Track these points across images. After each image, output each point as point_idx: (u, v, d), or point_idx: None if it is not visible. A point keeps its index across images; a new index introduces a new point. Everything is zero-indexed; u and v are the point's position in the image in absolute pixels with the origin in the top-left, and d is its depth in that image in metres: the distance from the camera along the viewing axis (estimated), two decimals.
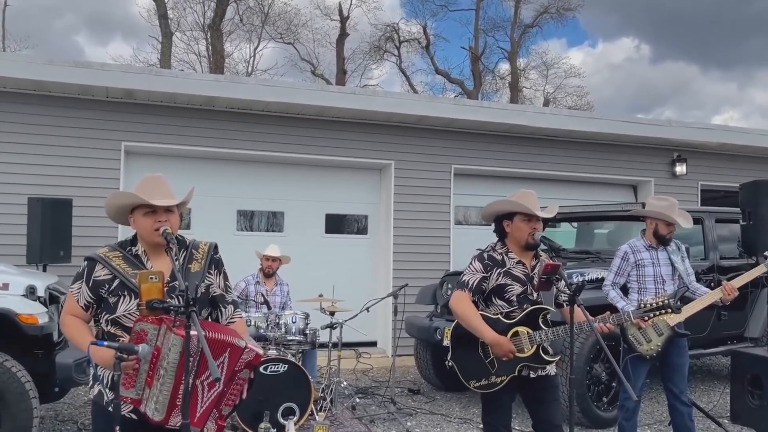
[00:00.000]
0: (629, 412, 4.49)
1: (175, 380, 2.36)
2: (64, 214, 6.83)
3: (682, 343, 4.47)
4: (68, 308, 2.63)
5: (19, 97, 7.44)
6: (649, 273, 4.50)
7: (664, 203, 4.46)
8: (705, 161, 10.60)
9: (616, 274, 4.62)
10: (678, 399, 4.45)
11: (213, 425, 2.51)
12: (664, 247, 4.55)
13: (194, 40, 24.62)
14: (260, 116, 8.39)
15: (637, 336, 4.37)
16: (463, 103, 10.87)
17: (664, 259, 4.54)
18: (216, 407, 2.49)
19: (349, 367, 7.76)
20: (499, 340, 3.26)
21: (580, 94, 28.61)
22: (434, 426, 5.68)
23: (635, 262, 4.54)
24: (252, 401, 5.10)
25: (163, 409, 2.37)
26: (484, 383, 3.35)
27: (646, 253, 4.54)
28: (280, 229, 8.94)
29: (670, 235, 4.50)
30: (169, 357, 2.35)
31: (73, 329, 2.59)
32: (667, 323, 4.33)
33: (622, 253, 4.61)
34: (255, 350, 2.49)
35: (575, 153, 9.90)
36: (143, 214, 2.61)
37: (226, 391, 2.49)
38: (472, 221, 9.78)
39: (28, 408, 4.07)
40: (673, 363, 4.45)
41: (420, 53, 28.42)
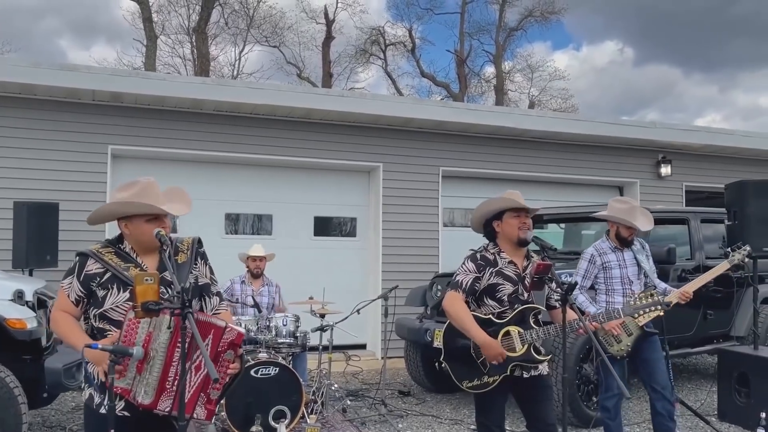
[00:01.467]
0: (611, 411, 4.51)
1: (165, 361, 2.38)
2: (50, 218, 6.76)
3: (653, 339, 4.50)
4: (59, 304, 2.63)
5: (4, 100, 7.36)
6: (616, 275, 4.54)
7: (624, 206, 4.49)
8: (689, 162, 10.72)
9: (584, 277, 4.61)
10: (661, 396, 4.44)
11: (203, 410, 2.49)
12: (629, 248, 4.59)
13: (179, 44, 24.56)
14: (248, 119, 8.36)
15: (608, 338, 4.40)
16: (451, 105, 10.92)
17: (630, 259, 4.57)
18: (203, 391, 2.48)
19: (338, 370, 7.74)
20: (490, 342, 3.28)
21: (565, 97, 28.85)
22: (425, 427, 5.69)
23: (602, 265, 4.57)
24: (243, 404, 5.09)
25: (152, 391, 2.39)
26: (476, 383, 3.37)
27: (612, 254, 4.57)
28: (269, 231, 8.91)
29: (631, 237, 4.54)
30: (160, 338, 2.38)
31: (65, 326, 2.59)
32: (636, 323, 4.34)
33: (589, 255, 4.63)
34: (236, 329, 2.50)
35: (562, 155, 9.97)
36: (146, 220, 2.62)
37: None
38: (461, 223, 9.82)
39: (17, 414, 4.03)
40: (647, 359, 4.48)
41: (406, 56, 28.52)
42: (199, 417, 2.51)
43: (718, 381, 6.07)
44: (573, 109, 28.53)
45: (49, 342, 4.71)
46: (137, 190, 2.65)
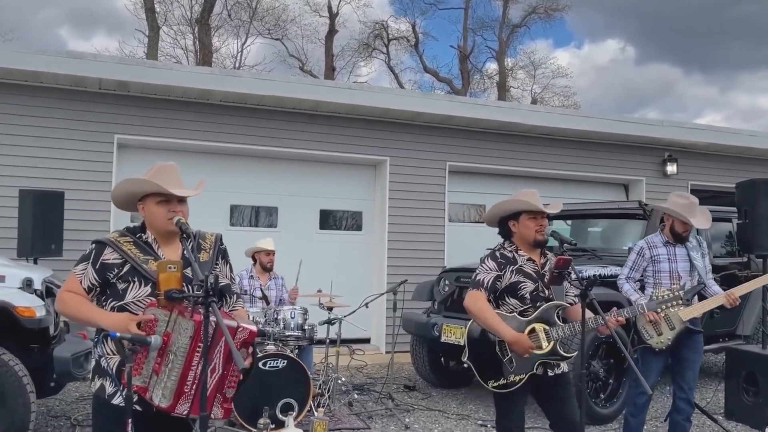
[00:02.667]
0: (638, 407, 4.49)
1: (184, 366, 2.33)
2: (55, 206, 6.71)
3: (697, 338, 4.47)
4: (68, 286, 2.53)
5: (9, 87, 7.30)
6: (664, 269, 4.50)
7: (684, 201, 4.46)
8: (695, 161, 10.70)
9: (631, 268, 4.63)
10: (683, 396, 4.44)
11: (219, 409, 2.47)
12: (682, 244, 4.55)
13: (181, 35, 24.43)
14: (255, 110, 8.32)
15: (648, 328, 4.38)
16: (459, 100, 10.87)
17: (681, 255, 4.53)
18: (219, 391, 2.46)
19: (343, 364, 7.71)
20: (518, 337, 3.24)
21: (567, 95, 28.80)
22: (432, 422, 5.67)
23: (651, 258, 4.55)
24: (251, 396, 5.06)
25: (170, 395, 2.34)
26: (502, 383, 3.32)
27: (663, 248, 4.54)
28: (274, 224, 8.87)
29: (686, 233, 4.49)
30: (179, 342, 2.33)
31: (76, 303, 2.50)
32: (680, 318, 4.33)
33: (638, 248, 4.63)
34: (248, 328, 2.47)
35: (568, 152, 9.95)
36: (156, 202, 2.57)
37: (227, 374, 2.47)
38: (466, 218, 9.79)
39: (26, 403, 4.00)
40: (684, 358, 4.45)
41: (409, 51, 28.42)
42: (217, 417, 2.49)
43: (726, 380, 6.05)
44: (575, 106, 28.49)
45: (57, 331, 4.67)
46: (153, 171, 2.62)
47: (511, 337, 3.24)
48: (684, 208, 4.42)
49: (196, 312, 2.32)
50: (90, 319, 2.49)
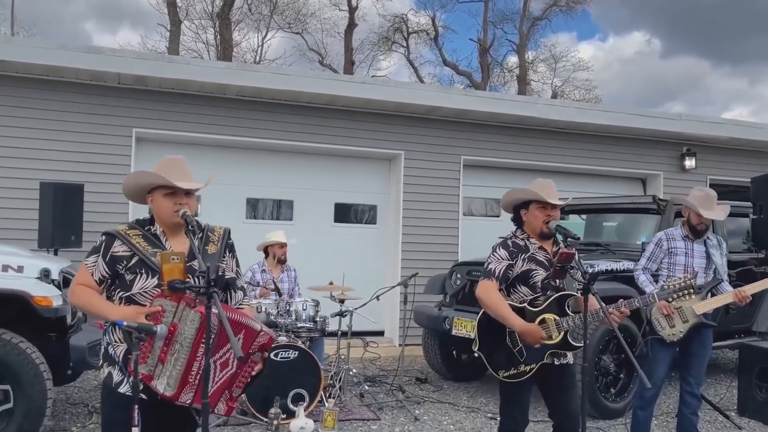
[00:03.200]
0: (645, 400, 4.50)
1: (189, 356, 2.39)
2: (75, 199, 6.84)
3: (706, 334, 4.46)
4: (80, 279, 2.61)
5: (31, 82, 7.46)
6: (680, 262, 4.49)
7: (699, 194, 4.45)
8: (714, 156, 10.58)
9: (648, 259, 4.63)
10: (691, 391, 4.45)
11: (224, 406, 2.54)
12: (702, 240, 4.52)
13: (203, 29, 24.62)
14: (271, 104, 8.39)
15: (661, 320, 4.38)
16: (475, 94, 10.86)
17: (699, 251, 4.51)
18: (228, 388, 2.52)
19: (356, 356, 7.79)
20: (529, 327, 3.26)
21: (588, 88, 28.52)
22: (442, 414, 5.71)
23: (668, 249, 4.54)
24: (262, 387, 5.14)
25: (175, 384, 2.40)
26: (513, 372, 3.34)
27: (681, 242, 4.53)
28: (289, 217, 8.96)
29: (700, 225, 4.46)
30: (185, 333, 2.38)
31: (86, 296, 2.57)
32: (693, 311, 4.33)
33: (657, 239, 4.63)
34: (269, 333, 2.55)
35: (585, 146, 9.89)
36: (163, 195, 2.62)
37: (239, 372, 2.53)
38: (481, 212, 9.79)
39: (43, 390, 4.11)
40: (693, 353, 4.45)
41: (428, 45, 28.35)
42: (219, 412, 2.56)
43: (739, 376, 6.01)
44: (596, 100, 28.22)
45: (74, 320, 4.79)
46: (161, 165, 2.68)
47: (522, 328, 3.26)
48: (699, 200, 4.41)
49: (202, 303, 2.38)
50: (100, 312, 2.56)
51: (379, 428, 5.23)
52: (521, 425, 3.45)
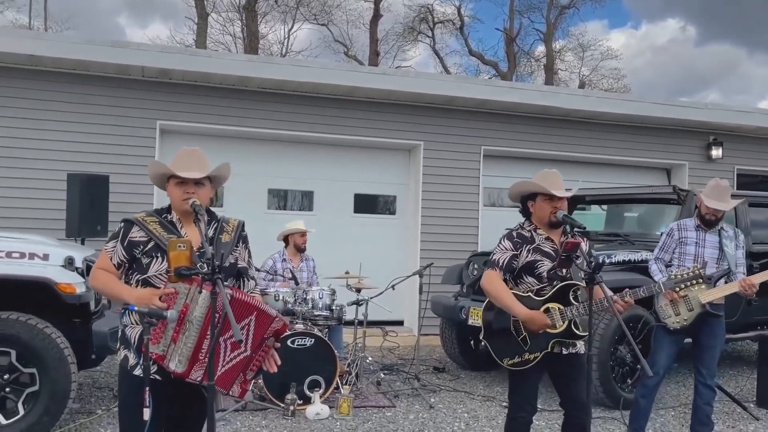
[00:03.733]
0: (648, 389, 4.51)
1: (200, 334, 2.50)
2: (101, 189, 7.04)
3: (716, 324, 4.43)
4: (100, 263, 2.76)
5: (59, 76, 7.67)
6: (690, 251, 4.48)
7: (711, 184, 4.45)
8: (742, 145, 10.39)
9: (661, 249, 4.66)
10: (704, 381, 4.43)
11: (238, 388, 2.64)
12: (716, 231, 4.50)
13: (229, 21, 24.84)
14: (292, 96, 8.49)
15: (666, 308, 4.39)
16: (495, 84, 10.82)
17: (711, 242, 4.48)
18: (243, 371, 2.62)
19: (375, 345, 7.88)
20: (533, 315, 3.29)
21: (617, 77, 28.12)
22: (457, 403, 5.77)
23: (679, 239, 4.55)
24: (279, 373, 5.22)
25: (185, 361, 2.51)
26: (517, 360, 3.38)
27: (693, 232, 4.53)
28: (310, 208, 9.07)
29: (709, 216, 4.44)
30: (196, 312, 2.49)
31: (105, 280, 2.73)
32: (699, 300, 4.31)
33: (669, 229, 4.66)
34: (283, 320, 2.66)
35: (608, 135, 9.80)
36: (175, 184, 2.76)
37: (254, 356, 2.63)
38: (502, 203, 9.78)
39: (67, 373, 4.25)
40: (703, 343, 4.44)
41: (454, 35, 28.20)
42: (234, 395, 2.66)
43: (759, 367, 5.95)
44: (625, 89, 27.82)
45: (98, 307, 4.95)
46: (177, 155, 2.81)
47: (525, 315, 3.29)
48: (709, 189, 4.41)
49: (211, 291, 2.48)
50: (117, 295, 2.70)
51: (393, 415, 5.31)
52: (528, 412, 3.48)
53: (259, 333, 2.60)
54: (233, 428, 4.83)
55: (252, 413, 5.17)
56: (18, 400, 4.21)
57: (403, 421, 5.16)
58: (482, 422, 5.21)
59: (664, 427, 5.20)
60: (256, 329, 2.59)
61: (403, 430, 4.96)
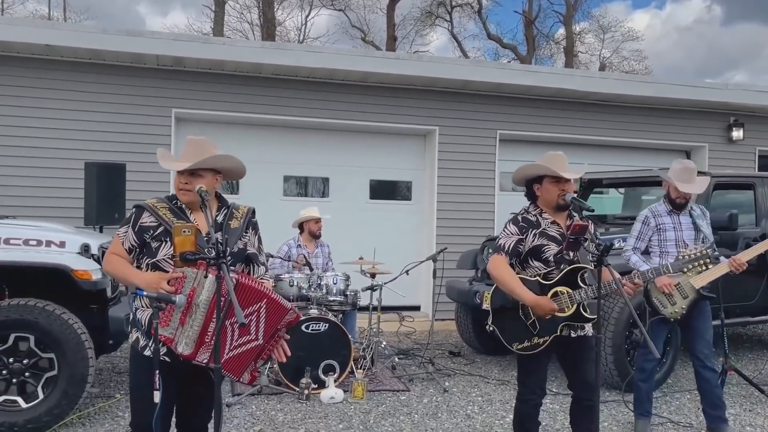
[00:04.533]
0: (647, 372, 4.51)
1: (206, 317, 2.55)
2: (118, 178, 7.08)
3: (705, 307, 4.43)
4: (113, 248, 2.82)
5: (75, 65, 7.75)
6: (670, 237, 4.45)
7: (679, 167, 4.41)
8: (763, 126, 10.19)
9: (637, 238, 4.58)
10: (703, 365, 4.41)
11: (248, 375, 2.71)
12: (687, 212, 4.50)
13: (246, 9, 24.87)
14: (306, 82, 8.49)
15: (662, 299, 4.37)
16: (510, 68, 10.74)
17: (686, 223, 4.49)
18: (254, 360, 2.67)
19: (392, 330, 7.91)
20: (539, 300, 3.28)
21: (639, 59, 27.71)
22: (472, 387, 5.78)
23: (656, 227, 4.50)
24: (294, 358, 5.29)
25: (192, 343, 2.56)
26: (527, 345, 3.38)
27: (668, 217, 4.50)
28: (326, 194, 9.09)
29: (679, 199, 4.44)
30: (202, 295, 2.53)
31: (117, 264, 2.79)
32: (692, 285, 4.32)
33: (643, 217, 4.58)
34: (296, 312, 2.73)
35: (626, 118, 9.68)
36: (178, 172, 2.83)
37: (266, 346, 2.67)
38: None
39: (85, 358, 4.33)
40: (695, 327, 4.43)
41: (473, 18, 27.95)
42: (244, 382, 2.73)
43: None
44: (646, 71, 27.40)
45: (115, 293, 5.02)
46: (185, 145, 2.87)
47: (532, 300, 3.29)
48: (677, 173, 4.38)
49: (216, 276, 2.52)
50: (127, 278, 2.76)
51: (407, 399, 5.34)
52: (538, 395, 3.49)
53: (272, 323, 2.64)
54: (249, 412, 4.89)
55: (267, 397, 5.23)
56: (37, 384, 4.30)
57: (417, 405, 5.19)
58: (496, 406, 5.22)
59: (680, 410, 5.18)
60: (268, 318, 2.63)
61: (416, 413, 4.99)
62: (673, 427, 4.76)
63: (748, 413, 5.14)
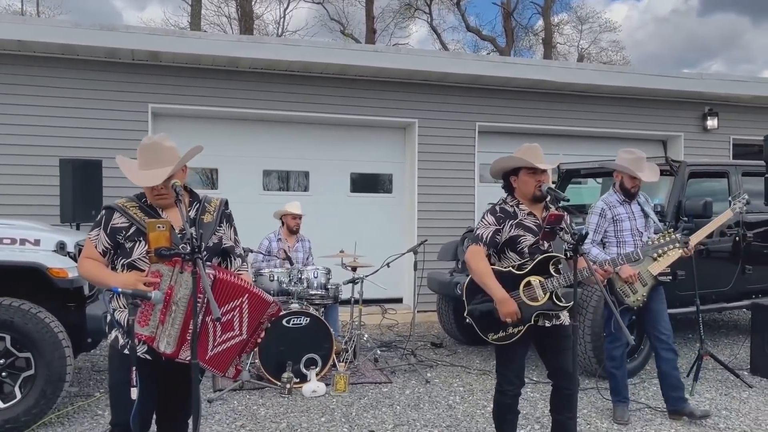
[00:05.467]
0: (617, 360, 4.59)
1: (186, 315, 2.53)
2: (94, 174, 7.00)
3: (661, 291, 4.57)
4: (86, 252, 2.78)
5: (48, 61, 7.63)
6: (626, 227, 4.53)
7: (630, 156, 4.47)
8: (737, 115, 10.33)
9: (595, 231, 4.60)
10: (665, 346, 4.53)
11: (233, 370, 2.71)
12: (634, 200, 4.59)
13: (224, 2, 24.63)
14: (283, 76, 8.44)
15: (625, 289, 4.47)
16: (487, 60, 10.74)
17: (637, 211, 4.59)
18: (238, 354, 2.68)
19: (374, 323, 7.93)
20: (506, 300, 3.30)
21: (616, 49, 27.91)
22: (454, 377, 5.82)
23: (612, 218, 4.56)
24: (275, 352, 5.31)
25: (174, 342, 2.55)
26: (501, 335, 3.39)
27: (621, 207, 4.57)
28: (306, 188, 9.07)
29: (635, 188, 4.53)
30: (181, 293, 2.52)
31: (91, 267, 2.75)
32: (650, 273, 4.45)
33: (599, 209, 4.61)
34: (278, 305, 2.74)
35: (603, 108, 9.76)
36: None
37: (250, 340, 2.68)
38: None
39: (62, 356, 4.29)
40: (655, 310, 4.56)
41: (452, 10, 27.95)
42: (229, 376, 2.73)
43: (752, 335, 5.99)
44: (624, 61, 27.61)
45: (93, 291, 4.97)
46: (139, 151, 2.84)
47: (500, 297, 3.31)
48: (631, 162, 4.43)
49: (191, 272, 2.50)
50: (103, 281, 2.72)
51: (390, 391, 5.36)
52: (516, 385, 3.51)
53: (255, 317, 2.64)
54: (230, 407, 4.88)
55: (249, 392, 5.22)
56: (14, 384, 4.25)
57: (400, 396, 5.21)
58: (477, 395, 5.26)
59: (657, 395, 5.23)
60: (251, 313, 2.63)
61: (399, 404, 5.01)
62: (651, 412, 4.83)
63: (724, 397, 5.23)
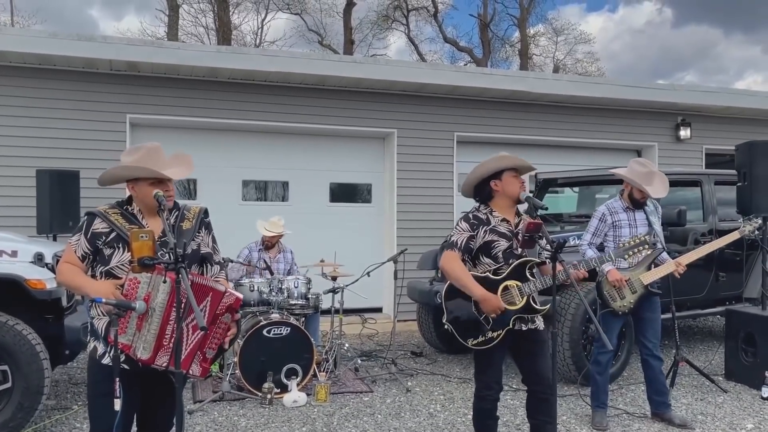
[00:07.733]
0: (602, 365, 4.67)
1: (162, 320, 2.53)
2: (71, 185, 6.95)
3: (654, 300, 4.66)
4: (66, 257, 2.76)
5: (24, 71, 7.57)
6: (625, 234, 4.61)
7: (643, 170, 4.54)
8: (710, 125, 10.55)
9: (593, 234, 4.74)
10: (651, 353, 4.66)
11: (198, 367, 2.67)
12: (641, 209, 4.67)
13: (201, 13, 24.57)
14: (262, 86, 8.46)
15: (612, 293, 4.54)
16: (465, 70, 10.87)
17: (641, 219, 4.67)
18: (200, 349, 2.65)
19: (354, 332, 7.94)
20: (487, 296, 3.35)
21: (591, 60, 28.35)
22: (434, 385, 5.84)
23: (612, 223, 4.66)
24: (256, 362, 5.30)
25: (150, 347, 2.54)
26: (481, 340, 3.44)
27: (624, 214, 4.66)
28: (285, 198, 9.07)
29: (643, 199, 4.63)
30: (158, 299, 2.52)
31: (70, 273, 2.71)
32: (641, 282, 4.53)
33: (600, 214, 4.73)
34: (234, 294, 2.69)
35: (578, 119, 9.91)
36: (149, 183, 2.75)
37: (209, 334, 2.66)
38: None
39: (39, 369, 4.24)
40: (645, 318, 4.66)
41: (429, 22, 28.18)
42: (194, 374, 2.68)
43: (726, 341, 6.10)
44: (599, 72, 28.04)
45: (71, 302, 4.92)
46: (142, 155, 2.79)
47: (481, 295, 3.36)
48: (642, 176, 4.51)
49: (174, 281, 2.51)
50: (79, 288, 2.71)
51: (370, 400, 5.37)
52: (495, 390, 3.56)
53: (212, 309, 2.63)
54: (211, 418, 4.85)
55: (230, 403, 5.20)
56: None
57: (380, 405, 5.22)
58: (458, 403, 5.29)
59: (634, 401, 5.33)
60: (211, 306, 2.63)
61: (380, 413, 5.02)
62: (629, 418, 4.90)
63: (700, 402, 5.32)
